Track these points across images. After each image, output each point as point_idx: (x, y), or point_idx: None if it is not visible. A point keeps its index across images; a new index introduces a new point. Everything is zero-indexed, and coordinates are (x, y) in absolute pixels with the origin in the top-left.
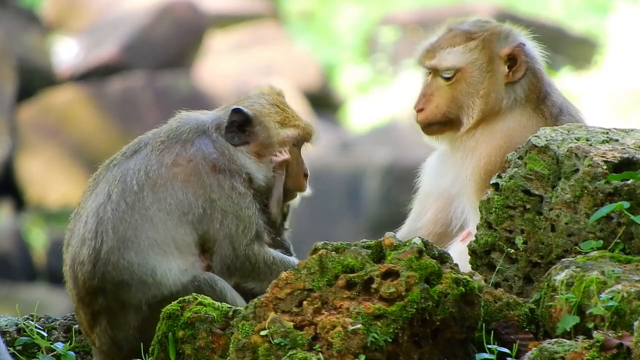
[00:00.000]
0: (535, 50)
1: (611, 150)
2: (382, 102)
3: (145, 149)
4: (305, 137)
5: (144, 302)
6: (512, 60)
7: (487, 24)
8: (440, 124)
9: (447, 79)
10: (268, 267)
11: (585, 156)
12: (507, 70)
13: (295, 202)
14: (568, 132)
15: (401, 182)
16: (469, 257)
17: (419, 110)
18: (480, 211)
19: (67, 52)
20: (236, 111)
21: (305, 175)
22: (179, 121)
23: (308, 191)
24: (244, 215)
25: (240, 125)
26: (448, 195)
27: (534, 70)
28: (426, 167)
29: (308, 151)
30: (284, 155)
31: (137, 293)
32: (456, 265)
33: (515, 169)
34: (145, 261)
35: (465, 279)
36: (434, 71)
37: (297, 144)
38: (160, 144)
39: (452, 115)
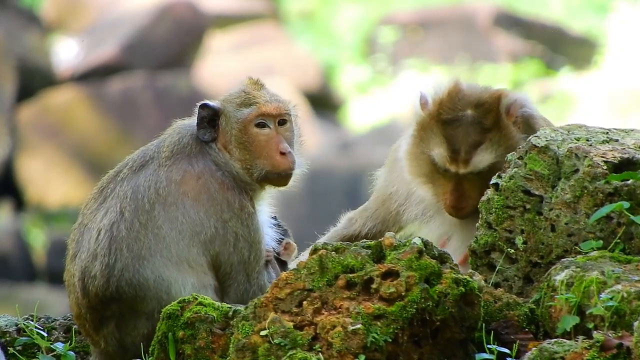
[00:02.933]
0: None
1: (611, 151)
2: (382, 102)
3: (152, 164)
4: (265, 113)
5: (156, 311)
6: None
7: None
8: None
9: None
10: None
11: (585, 156)
12: None
13: (289, 186)
14: (568, 132)
15: None
16: (469, 257)
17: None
18: (480, 211)
19: (67, 52)
20: (203, 106)
21: (282, 153)
22: (179, 133)
23: (299, 169)
24: (254, 239)
25: (211, 120)
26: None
27: None
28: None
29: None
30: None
31: (151, 303)
32: (456, 265)
33: (515, 169)
34: (161, 278)
35: (465, 279)
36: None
37: (260, 122)
38: (166, 159)
39: None
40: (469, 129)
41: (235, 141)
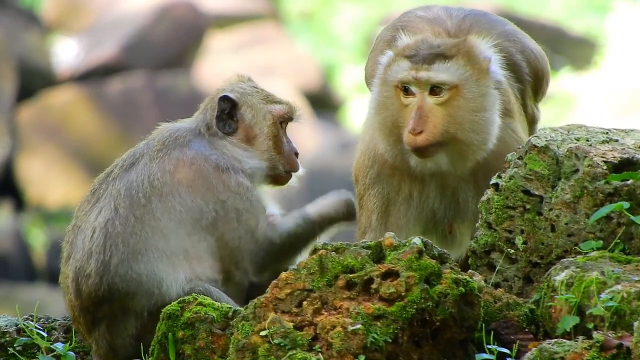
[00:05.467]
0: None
1: (611, 151)
2: None
3: (142, 159)
4: (290, 113)
5: (145, 309)
6: None
7: None
8: None
9: None
10: (291, 238)
11: (585, 156)
12: None
13: (291, 184)
14: (568, 132)
15: None
16: (469, 257)
17: None
18: (480, 211)
19: (67, 52)
20: (223, 98)
21: (296, 154)
22: (169, 130)
23: (301, 171)
24: (255, 208)
25: (229, 112)
26: None
27: None
28: None
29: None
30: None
31: (142, 301)
32: (456, 265)
33: (515, 169)
34: (153, 273)
35: (465, 279)
36: None
37: (283, 120)
38: (157, 152)
39: None
40: (432, 54)
41: (268, 134)
